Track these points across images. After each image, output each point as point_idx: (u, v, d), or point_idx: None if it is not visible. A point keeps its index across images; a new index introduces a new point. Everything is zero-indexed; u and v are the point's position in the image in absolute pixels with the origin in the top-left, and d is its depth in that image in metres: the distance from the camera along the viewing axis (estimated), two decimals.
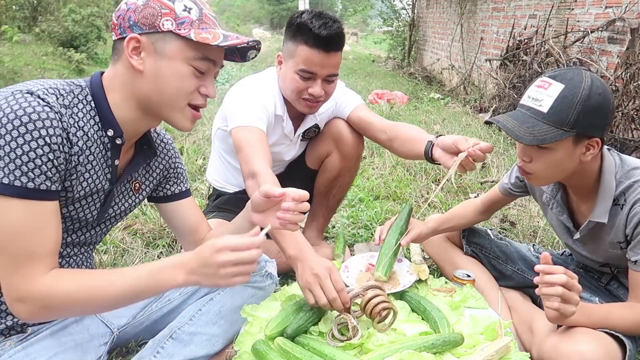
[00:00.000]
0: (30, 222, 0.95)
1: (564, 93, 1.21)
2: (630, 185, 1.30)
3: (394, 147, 1.84)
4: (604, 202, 1.33)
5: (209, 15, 1.10)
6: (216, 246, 1.00)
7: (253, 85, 1.79)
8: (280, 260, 1.63)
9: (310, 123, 1.94)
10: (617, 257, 1.40)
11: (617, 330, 1.26)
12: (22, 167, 0.92)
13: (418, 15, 10.34)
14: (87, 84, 1.09)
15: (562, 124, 1.21)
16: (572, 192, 1.46)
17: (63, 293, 0.98)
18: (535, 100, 1.25)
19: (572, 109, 1.20)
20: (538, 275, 1.14)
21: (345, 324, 1.33)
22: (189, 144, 3.77)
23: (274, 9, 41.71)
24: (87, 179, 1.08)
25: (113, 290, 1.01)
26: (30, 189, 0.93)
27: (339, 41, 1.68)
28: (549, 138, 1.21)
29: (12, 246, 0.94)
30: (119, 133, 1.10)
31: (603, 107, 1.22)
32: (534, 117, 1.24)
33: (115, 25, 1.08)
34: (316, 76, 1.68)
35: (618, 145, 3.37)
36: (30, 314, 0.98)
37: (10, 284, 0.96)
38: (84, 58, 8.58)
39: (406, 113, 5.53)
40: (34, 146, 0.93)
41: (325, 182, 2.04)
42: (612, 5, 3.78)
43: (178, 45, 1.05)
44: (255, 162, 1.55)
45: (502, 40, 5.75)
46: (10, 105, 0.93)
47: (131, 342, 1.41)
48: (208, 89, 1.12)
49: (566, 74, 1.24)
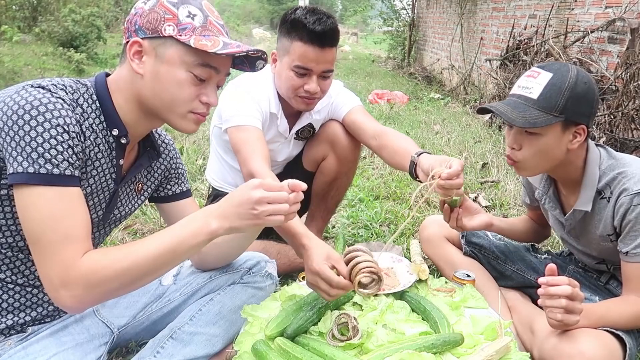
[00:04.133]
0: (61, 208, 0.94)
1: (552, 81, 1.29)
2: (614, 177, 1.34)
3: (383, 155, 1.80)
4: (587, 191, 1.38)
5: (215, 23, 1.09)
6: (253, 184, 1.02)
7: (247, 83, 1.79)
8: (280, 261, 1.63)
9: (305, 122, 1.93)
10: (610, 252, 1.42)
11: (618, 327, 1.27)
12: (44, 154, 0.92)
13: (418, 15, 10.34)
14: (92, 83, 1.10)
15: (552, 109, 1.28)
16: (561, 185, 1.50)
17: (105, 268, 0.97)
18: (526, 89, 1.33)
19: (561, 95, 1.28)
20: (538, 275, 1.15)
21: (345, 324, 1.33)
22: (189, 144, 3.77)
23: (274, 9, 41.68)
24: (94, 176, 1.08)
25: (151, 253, 1.00)
26: (56, 175, 0.94)
27: (334, 36, 1.67)
28: (540, 122, 1.28)
29: (46, 234, 0.94)
30: (124, 132, 1.11)
31: (588, 95, 1.30)
32: (525, 103, 1.31)
33: (125, 29, 1.09)
34: (311, 72, 1.67)
35: (618, 145, 3.37)
36: (76, 298, 0.96)
37: (49, 273, 0.95)
38: (84, 58, 8.56)
39: (406, 113, 5.53)
40: (53, 133, 0.93)
41: (322, 185, 2.04)
42: (612, 5, 3.78)
43: (178, 50, 1.05)
44: (253, 161, 1.55)
45: (502, 40, 5.74)
46: (24, 97, 0.94)
47: (131, 342, 1.41)
48: (209, 97, 1.11)
49: (553, 65, 1.33)
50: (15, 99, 0.94)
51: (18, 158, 0.92)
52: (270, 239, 1.97)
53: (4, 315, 1.09)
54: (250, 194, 1.01)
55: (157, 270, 1.04)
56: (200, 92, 1.10)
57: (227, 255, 1.42)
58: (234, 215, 1.03)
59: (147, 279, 1.04)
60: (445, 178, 1.34)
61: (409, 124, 4.93)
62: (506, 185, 3.11)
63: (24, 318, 1.11)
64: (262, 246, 1.86)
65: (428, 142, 4.14)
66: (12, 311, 1.10)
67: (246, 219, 1.03)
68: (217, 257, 1.41)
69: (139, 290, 1.39)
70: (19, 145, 0.92)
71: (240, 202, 1.02)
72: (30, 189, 0.93)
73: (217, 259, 1.42)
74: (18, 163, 0.92)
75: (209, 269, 1.45)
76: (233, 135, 1.67)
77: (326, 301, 1.37)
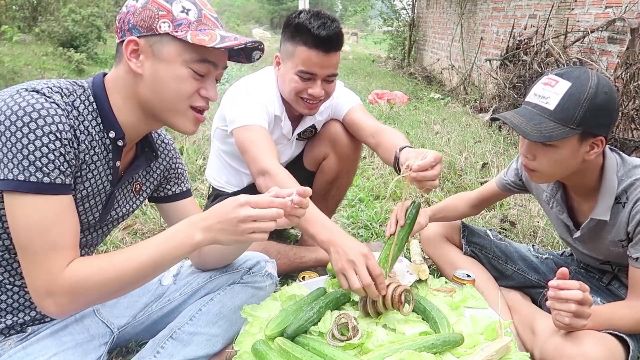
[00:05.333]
0: (49, 217, 0.95)
1: (570, 91, 1.21)
2: (632, 183, 1.30)
3: (379, 153, 1.80)
4: (606, 200, 1.33)
5: (209, 16, 1.09)
6: (238, 201, 1.02)
7: (251, 85, 1.78)
8: (280, 261, 1.63)
9: (308, 123, 1.93)
10: (618, 255, 1.40)
11: (621, 330, 1.26)
12: (35, 162, 0.92)
13: (418, 15, 10.34)
14: (89, 85, 1.09)
15: (569, 122, 1.21)
16: (572, 191, 1.46)
17: (89, 278, 0.98)
18: (542, 98, 1.25)
19: (579, 107, 1.20)
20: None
21: (345, 324, 1.33)
22: (189, 144, 3.77)
23: (274, 9, 41.70)
24: (90, 179, 1.08)
25: (135, 265, 1.01)
26: (46, 184, 0.94)
27: (338, 41, 1.67)
28: (555, 135, 1.21)
29: (34, 243, 0.94)
30: (121, 135, 1.10)
31: (609, 105, 1.22)
32: (541, 114, 1.24)
33: (117, 28, 1.07)
34: (316, 77, 1.68)
35: (618, 145, 3.38)
36: (60, 307, 0.98)
37: (35, 281, 0.96)
38: (84, 58, 8.56)
39: (406, 113, 5.53)
40: (45, 141, 0.93)
41: (323, 185, 2.04)
42: (612, 5, 3.78)
43: (175, 47, 1.04)
44: (264, 159, 1.54)
45: (502, 40, 5.74)
46: (18, 102, 0.93)
47: (131, 342, 1.41)
48: (209, 91, 1.10)
49: (573, 72, 1.24)
50: (9, 103, 0.93)
51: (9, 165, 0.91)
52: (270, 239, 1.96)
53: (3, 316, 1.09)
54: (237, 212, 1.01)
55: (140, 280, 1.06)
56: (199, 86, 1.09)
57: (227, 256, 1.42)
58: (218, 230, 1.03)
59: (131, 288, 1.07)
60: (416, 170, 1.33)
61: (409, 124, 4.93)
62: None
63: (24, 318, 1.11)
64: (262, 246, 1.86)
65: (428, 142, 4.14)
66: (10, 312, 1.09)
67: (230, 235, 1.03)
68: (217, 258, 1.41)
69: (139, 290, 1.39)
70: (10, 152, 0.91)
71: (225, 218, 1.02)
72: (19, 197, 0.93)
73: (217, 260, 1.42)
74: (9, 170, 0.91)
75: (209, 269, 1.45)
76: (239, 135, 1.65)
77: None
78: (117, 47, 1.09)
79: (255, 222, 1.02)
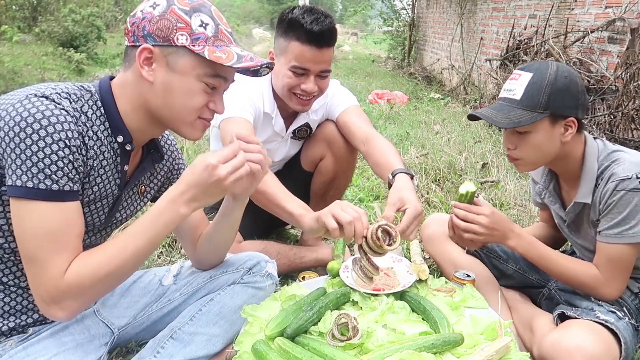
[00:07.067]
0: (57, 223, 0.95)
1: (533, 80, 1.35)
2: (608, 165, 1.39)
3: (369, 162, 1.82)
4: (587, 184, 1.41)
5: (225, 32, 1.09)
6: (211, 164, 1.02)
7: (240, 81, 1.78)
8: (280, 261, 1.62)
9: (301, 121, 1.93)
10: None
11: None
12: (45, 170, 0.92)
13: (418, 15, 10.34)
14: (96, 89, 1.09)
15: (535, 107, 1.34)
16: (561, 179, 1.53)
17: (90, 277, 0.99)
18: (510, 91, 1.39)
19: (542, 92, 1.33)
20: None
21: (345, 324, 1.33)
22: (189, 144, 3.77)
23: (274, 8, 41.67)
24: (99, 184, 1.08)
25: (132, 250, 1.03)
26: (55, 191, 0.94)
27: (331, 36, 1.66)
28: (524, 120, 1.33)
29: (40, 249, 0.95)
30: (129, 139, 1.10)
31: (570, 87, 1.34)
32: (510, 105, 1.37)
33: (129, 31, 1.06)
34: (309, 72, 1.67)
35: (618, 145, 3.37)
36: (66, 310, 0.99)
37: (39, 290, 0.97)
38: (84, 58, 8.57)
39: (406, 113, 5.54)
40: (55, 149, 0.93)
41: (321, 185, 2.04)
42: (612, 5, 3.78)
43: (191, 61, 1.04)
44: None
45: (502, 40, 5.75)
46: (27, 108, 0.93)
47: (131, 342, 1.41)
48: (217, 105, 1.11)
49: (533, 65, 1.39)
50: (18, 109, 0.93)
51: (17, 171, 0.92)
52: (270, 239, 1.97)
53: (6, 318, 1.09)
54: (216, 174, 1.02)
55: (138, 263, 1.08)
56: (209, 100, 1.10)
57: (220, 246, 1.41)
58: (202, 197, 1.05)
59: (132, 272, 1.10)
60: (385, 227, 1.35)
61: (409, 124, 4.93)
62: (506, 185, 3.11)
63: (26, 320, 1.11)
64: (262, 246, 1.86)
65: (428, 142, 4.14)
66: (14, 314, 1.10)
67: (215, 196, 1.06)
68: (212, 252, 1.41)
69: (139, 291, 1.40)
70: (19, 158, 0.91)
71: (206, 183, 1.03)
72: (27, 203, 0.93)
73: (212, 254, 1.42)
74: (17, 176, 0.92)
75: (208, 266, 1.45)
76: (223, 128, 1.66)
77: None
78: (126, 50, 1.08)
79: (233, 173, 1.03)
